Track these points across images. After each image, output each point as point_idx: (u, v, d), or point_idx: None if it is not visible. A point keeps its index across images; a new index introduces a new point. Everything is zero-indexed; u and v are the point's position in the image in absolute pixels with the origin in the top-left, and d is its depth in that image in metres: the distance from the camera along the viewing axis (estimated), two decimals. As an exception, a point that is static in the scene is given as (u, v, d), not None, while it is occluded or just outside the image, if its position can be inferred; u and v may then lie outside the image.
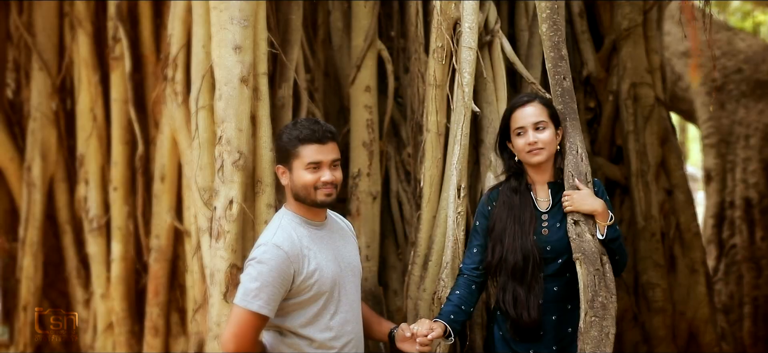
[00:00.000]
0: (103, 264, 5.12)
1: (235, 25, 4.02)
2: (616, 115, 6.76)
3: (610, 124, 6.81)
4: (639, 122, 6.63)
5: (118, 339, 4.88)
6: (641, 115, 6.63)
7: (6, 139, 5.78)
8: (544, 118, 3.93)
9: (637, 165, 6.60)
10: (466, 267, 4.08)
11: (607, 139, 6.88)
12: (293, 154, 3.58)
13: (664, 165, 6.83)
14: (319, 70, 5.37)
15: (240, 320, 3.47)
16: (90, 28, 5.16)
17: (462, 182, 4.38)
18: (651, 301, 6.65)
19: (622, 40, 6.56)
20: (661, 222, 6.70)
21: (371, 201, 5.08)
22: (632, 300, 6.76)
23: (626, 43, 6.56)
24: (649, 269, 6.59)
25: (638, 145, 6.61)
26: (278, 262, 3.47)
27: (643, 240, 6.58)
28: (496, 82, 4.75)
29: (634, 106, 6.61)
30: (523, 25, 5.27)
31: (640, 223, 6.58)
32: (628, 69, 6.55)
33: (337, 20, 5.46)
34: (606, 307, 3.76)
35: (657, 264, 6.60)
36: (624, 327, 6.92)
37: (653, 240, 6.58)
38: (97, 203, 5.15)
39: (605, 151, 6.92)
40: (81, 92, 5.20)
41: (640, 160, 6.61)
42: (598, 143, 6.87)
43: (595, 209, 3.85)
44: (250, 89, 4.04)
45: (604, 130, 6.85)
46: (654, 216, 6.57)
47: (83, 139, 5.20)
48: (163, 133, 4.45)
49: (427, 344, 3.79)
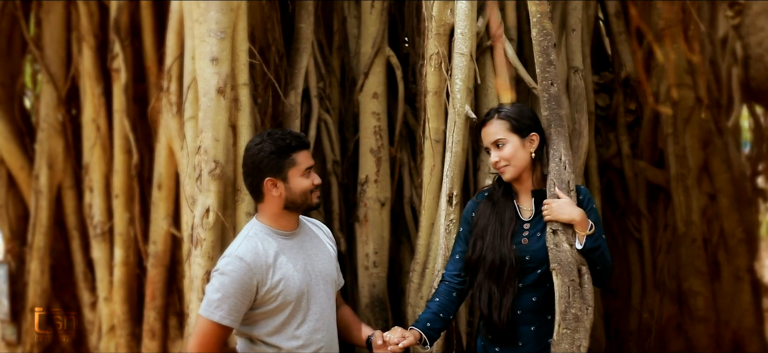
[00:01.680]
0: (107, 268, 5.30)
1: (212, 37, 4.08)
2: (657, 118, 6.57)
3: (650, 127, 6.62)
4: (678, 125, 6.42)
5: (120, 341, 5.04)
6: (681, 118, 6.42)
7: (17, 148, 6.03)
8: (502, 134, 3.86)
9: (677, 169, 6.41)
10: (448, 274, 4.04)
11: (649, 142, 6.70)
12: (288, 163, 3.63)
13: (707, 169, 6.59)
14: (333, 76, 5.38)
15: (203, 330, 3.55)
16: (93, 41, 5.33)
17: (454, 189, 4.33)
18: (693, 309, 6.45)
19: (659, 39, 6.36)
20: (703, 228, 6.48)
21: (379, 208, 5.06)
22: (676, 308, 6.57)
23: (663, 43, 6.35)
24: (690, 276, 6.40)
25: (678, 148, 6.41)
26: (240, 274, 3.52)
27: (684, 247, 6.39)
28: (499, 87, 4.67)
29: (674, 108, 6.40)
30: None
31: (680, 229, 6.38)
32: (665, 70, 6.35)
33: (353, 27, 5.46)
34: (579, 319, 3.66)
35: (699, 272, 6.40)
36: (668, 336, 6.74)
37: (694, 246, 6.38)
38: (100, 210, 5.33)
39: (647, 154, 6.74)
40: (86, 103, 5.39)
41: (679, 163, 6.41)
42: (640, 146, 6.69)
43: (573, 218, 3.75)
44: (227, 100, 4.09)
45: (645, 132, 6.67)
46: (695, 221, 6.37)
47: (88, 148, 5.39)
48: (160, 142, 4.56)
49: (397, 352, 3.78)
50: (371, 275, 5.02)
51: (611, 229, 6.92)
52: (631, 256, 6.81)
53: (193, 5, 4.18)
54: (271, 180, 3.63)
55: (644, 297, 6.75)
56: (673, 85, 6.17)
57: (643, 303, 6.75)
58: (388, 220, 5.14)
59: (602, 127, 6.75)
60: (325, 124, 5.23)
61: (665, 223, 6.69)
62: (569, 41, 5.23)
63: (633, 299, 6.77)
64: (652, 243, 6.72)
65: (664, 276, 6.64)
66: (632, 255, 6.80)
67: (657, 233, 6.77)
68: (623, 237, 6.87)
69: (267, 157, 3.61)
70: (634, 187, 6.69)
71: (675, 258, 6.53)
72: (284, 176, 3.62)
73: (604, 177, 6.81)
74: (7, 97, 6.09)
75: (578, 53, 5.19)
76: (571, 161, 3.95)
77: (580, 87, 5.15)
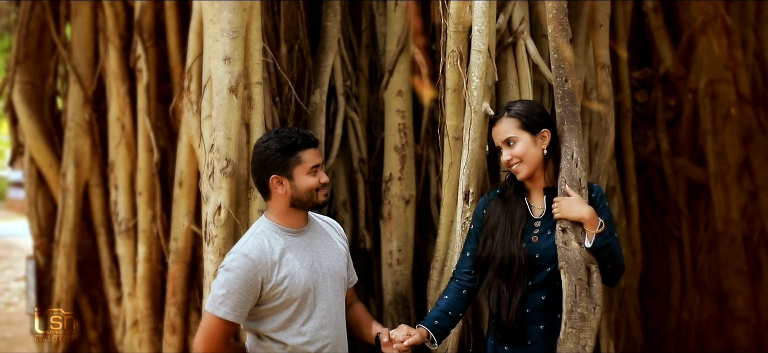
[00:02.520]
0: (131, 264, 5.41)
1: (225, 36, 4.13)
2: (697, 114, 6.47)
3: (690, 124, 6.55)
4: (718, 121, 6.31)
5: (142, 336, 5.15)
6: (720, 114, 6.31)
7: (45, 146, 6.21)
8: (513, 131, 3.85)
9: (716, 166, 6.32)
10: (458, 272, 4.04)
11: (689, 138, 6.61)
12: (294, 161, 3.67)
13: (748, 165, 6.46)
14: (362, 74, 5.41)
15: (208, 324, 3.61)
16: (118, 42, 5.46)
17: (471, 187, 4.32)
18: (733, 309, 6.35)
19: (698, 34, 6.26)
20: (743, 227, 6.36)
21: (404, 206, 5.07)
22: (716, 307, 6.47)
23: (702, 38, 6.25)
24: (730, 275, 6.30)
25: (717, 145, 6.32)
26: (244, 271, 3.57)
27: (723, 245, 6.30)
28: (521, 84, 4.64)
29: (712, 104, 6.30)
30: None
31: (720, 227, 6.27)
32: (704, 65, 6.25)
33: (381, 25, 5.47)
34: (585, 319, 3.63)
35: (739, 271, 6.30)
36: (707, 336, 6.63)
37: (734, 245, 6.28)
38: (125, 207, 5.45)
39: (687, 151, 6.65)
40: (111, 103, 5.52)
41: (718, 160, 6.32)
42: (680, 143, 6.61)
43: (582, 216, 3.71)
44: (239, 98, 4.14)
45: (684, 129, 6.59)
46: (734, 219, 6.27)
47: (113, 146, 5.52)
48: (181, 140, 4.65)
49: (402, 350, 3.81)
50: (395, 272, 5.03)
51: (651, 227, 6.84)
52: (671, 255, 6.73)
53: (207, 5, 4.25)
54: (277, 177, 3.67)
55: (684, 297, 6.66)
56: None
57: (683, 302, 6.66)
58: (413, 218, 5.14)
59: (641, 123, 6.67)
60: (352, 121, 5.25)
61: (706, 222, 6.60)
62: (596, 37, 5.17)
63: (672, 298, 6.69)
64: (693, 242, 6.63)
65: (704, 275, 6.54)
66: (672, 254, 6.72)
67: (697, 231, 6.67)
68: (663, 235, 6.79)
69: (273, 154, 3.65)
70: (674, 185, 6.61)
71: (715, 257, 6.42)
72: (289, 174, 3.66)
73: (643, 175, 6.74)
74: (36, 97, 6.28)
75: (605, 49, 5.13)
76: (584, 158, 3.90)
77: (606, 83, 5.10)
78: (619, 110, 6.32)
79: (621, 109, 6.31)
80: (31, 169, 6.36)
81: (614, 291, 5.93)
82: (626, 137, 6.31)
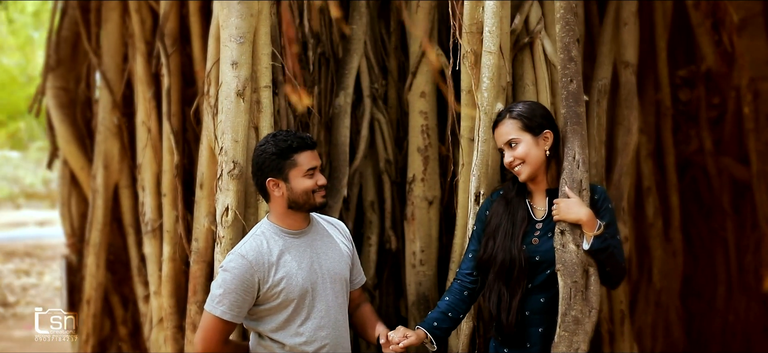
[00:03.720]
0: (157, 263, 5.55)
1: (233, 42, 4.24)
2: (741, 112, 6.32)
3: (734, 122, 6.40)
4: (760, 119, 6.16)
5: (167, 333, 5.28)
6: (762, 112, 6.15)
7: (78, 150, 6.42)
8: (514, 133, 3.84)
9: (759, 165, 6.16)
10: (461, 273, 4.04)
11: (734, 137, 6.46)
12: (289, 164, 3.74)
13: (792, 165, 6.30)
14: (390, 76, 5.45)
15: (206, 323, 3.72)
16: (144, 47, 5.62)
17: (481, 188, 4.32)
18: (779, 312, 6.19)
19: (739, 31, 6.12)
20: (788, 227, 6.19)
21: (427, 207, 5.09)
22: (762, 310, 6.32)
23: (743, 34, 6.10)
24: (775, 277, 6.13)
25: (759, 144, 6.16)
26: (241, 271, 3.66)
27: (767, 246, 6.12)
28: (538, 84, 4.63)
29: (755, 102, 6.15)
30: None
31: (763, 228, 6.12)
32: (746, 62, 6.10)
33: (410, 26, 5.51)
34: (579, 322, 3.60)
35: (784, 273, 6.13)
36: (754, 339, 6.48)
37: (778, 246, 6.12)
38: (151, 208, 5.60)
39: (732, 150, 6.51)
40: (139, 107, 5.68)
41: (761, 160, 6.16)
42: (724, 142, 6.46)
43: (580, 218, 3.69)
44: (247, 102, 4.24)
45: (729, 127, 6.45)
46: (778, 220, 6.10)
47: (140, 149, 5.67)
48: (202, 143, 4.76)
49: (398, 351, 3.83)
50: (418, 273, 5.05)
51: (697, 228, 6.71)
52: (716, 257, 6.60)
53: (220, 11, 4.38)
54: (273, 180, 3.75)
55: (729, 299, 6.52)
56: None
57: (729, 305, 6.52)
58: (437, 219, 5.15)
59: (684, 122, 6.55)
60: (379, 123, 5.30)
61: (753, 222, 6.44)
62: (620, 36, 5.12)
63: (717, 301, 6.55)
64: (738, 243, 6.48)
65: (750, 277, 6.39)
66: (718, 256, 6.59)
67: (743, 232, 6.52)
68: (709, 236, 6.66)
69: (269, 157, 3.73)
70: (718, 185, 6.48)
71: (761, 259, 6.27)
72: (285, 176, 3.73)
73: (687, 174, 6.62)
74: (69, 102, 6.50)
75: (630, 48, 5.08)
76: (586, 160, 3.87)
77: (630, 82, 5.04)
78: (659, 108, 6.22)
79: (661, 108, 6.21)
80: (64, 172, 6.59)
81: (650, 293, 5.85)
82: (666, 136, 6.22)
